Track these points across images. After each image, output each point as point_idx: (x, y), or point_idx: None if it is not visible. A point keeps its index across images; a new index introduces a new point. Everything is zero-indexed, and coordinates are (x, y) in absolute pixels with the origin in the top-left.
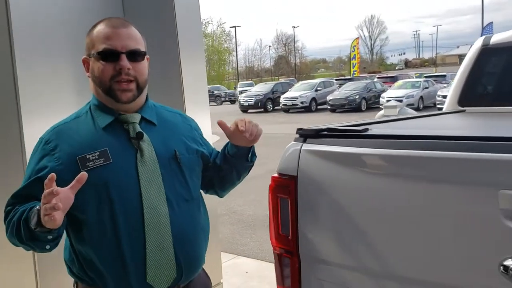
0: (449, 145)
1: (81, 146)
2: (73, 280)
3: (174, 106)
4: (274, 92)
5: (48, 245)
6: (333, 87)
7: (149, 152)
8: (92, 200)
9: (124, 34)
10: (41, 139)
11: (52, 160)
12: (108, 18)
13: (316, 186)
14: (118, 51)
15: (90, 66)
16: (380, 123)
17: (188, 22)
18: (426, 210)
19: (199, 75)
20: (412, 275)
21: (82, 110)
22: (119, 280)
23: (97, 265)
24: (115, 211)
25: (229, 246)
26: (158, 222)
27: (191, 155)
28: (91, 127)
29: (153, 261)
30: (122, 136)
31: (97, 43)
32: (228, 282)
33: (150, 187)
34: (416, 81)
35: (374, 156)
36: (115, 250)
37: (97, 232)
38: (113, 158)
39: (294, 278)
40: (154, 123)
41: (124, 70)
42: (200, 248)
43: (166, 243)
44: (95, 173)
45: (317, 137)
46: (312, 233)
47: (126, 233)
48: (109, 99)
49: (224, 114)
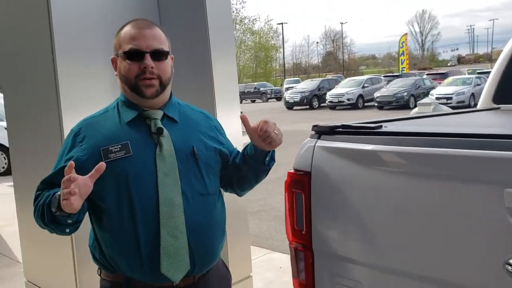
0: (456, 143)
1: (105, 138)
2: (97, 267)
3: (205, 105)
4: (320, 89)
5: (68, 229)
6: (380, 84)
7: (168, 147)
8: (112, 190)
9: (149, 35)
10: (72, 131)
11: (79, 151)
12: (134, 19)
13: (329, 182)
14: (142, 51)
15: (118, 65)
16: (406, 120)
17: (219, 22)
18: (434, 208)
19: (230, 75)
20: (419, 272)
21: (111, 105)
22: (135, 268)
23: (115, 252)
24: (133, 201)
25: (265, 242)
26: (172, 213)
27: (209, 152)
28: (117, 121)
29: (167, 252)
30: (144, 131)
31: (123, 43)
32: (261, 276)
33: (166, 179)
34: (467, 78)
35: (386, 153)
36: (132, 239)
37: (116, 220)
38: (133, 151)
39: (308, 271)
40: (175, 120)
41: (148, 68)
42: (214, 241)
43: (180, 234)
44: (116, 164)
45: (331, 133)
46: (325, 228)
47: (142, 223)
48: (134, 95)
49: (267, 112)
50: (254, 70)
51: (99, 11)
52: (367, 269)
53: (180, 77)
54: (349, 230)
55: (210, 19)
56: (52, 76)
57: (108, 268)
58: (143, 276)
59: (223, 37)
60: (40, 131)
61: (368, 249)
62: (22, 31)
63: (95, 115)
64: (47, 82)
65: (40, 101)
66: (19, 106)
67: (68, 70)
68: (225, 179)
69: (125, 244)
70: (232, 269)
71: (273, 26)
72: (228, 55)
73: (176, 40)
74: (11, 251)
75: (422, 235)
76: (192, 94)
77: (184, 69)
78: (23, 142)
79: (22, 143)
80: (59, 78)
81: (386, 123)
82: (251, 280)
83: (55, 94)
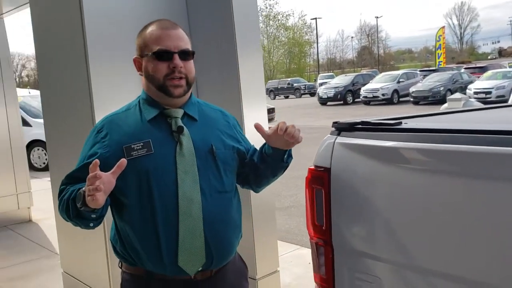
0: (474, 139)
1: (127, 136)
2: (118, 260)
3: (231, 102)
4: (354, 84)
5: (92, 223)
6: (416, 79)
7: (187, 145)
8: (133, 186)
9: (175, 35)
10: (95, 128)
11: (101, 147)
12: (157, 20)
13: (349, 178)
14: (171, 51)
15: (143, 65)
16: (427, 116)
17: (246, 21)
18: (453, 205)
19: (256, 72)
20: (438, 268)
21: (133, 103)
22: (155, 261)
23: (136, 245)
24: (153, 197)
25: (294, 237)
26: (191, 209)
27: (227, 151)
28: (138, 119)
29: (185, 246)
30: (165, 129)
31: (150, 44)
32: (290, 271)
33: (186, 177)
34: (508, 71)
35: (405, 149)
36: (152, 234)
37: (137, 215)
38: (154, 149)
39: (328, 266)
40: (195, 118)
41: (178, 68)
42: (230, 237)
43: (197, 229)
44: (138, 162)
45: (351, 130)
46: (345, 223)
47: (162, 218)
48: (161, 94)
49: (300, 107)
50: (287, 66)
51: (129, 12)
52: (386, 265)
53: (207, 75)
54: (368, 226)
55: (236, 18)
56: (85, 75)
57: (129, 261)
58: (163, 269)
59: (249, 35)
60: (74, 128)
61: (387, 245)
62: (57, 32)
63: (118, 112)
64: (80, 81)
65: (73, 99)
66: (54, 104)
67: (100, 69)
68: (242, 176)
69: (145, 238)
70: (259, 264)
71: (307, 21)
72: (254, 52)
73: (203, 38)
74: (50, 243)
75: (442, 231)
76: (219, 91)
77: (211, 67)
78: (58, 139)
79: (57, 140)
80: (91, 78)
81: (406, 119)
82: (278, 274)
83: (88, 93)
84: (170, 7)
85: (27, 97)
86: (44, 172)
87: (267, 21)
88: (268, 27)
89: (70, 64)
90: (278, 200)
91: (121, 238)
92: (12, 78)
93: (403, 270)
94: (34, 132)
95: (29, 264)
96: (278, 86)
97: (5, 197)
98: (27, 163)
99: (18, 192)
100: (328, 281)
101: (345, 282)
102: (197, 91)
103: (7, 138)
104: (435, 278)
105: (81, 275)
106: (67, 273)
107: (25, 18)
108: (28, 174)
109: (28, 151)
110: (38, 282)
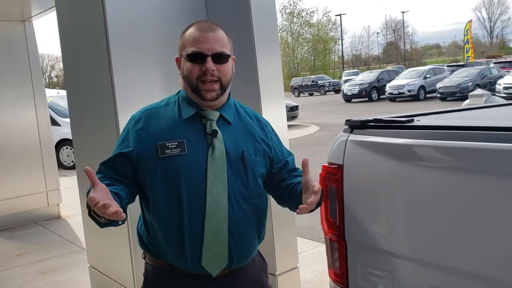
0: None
1: (164, 132)
2: (142, 252)
3: (250, 100)
4: (379, 80)
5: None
6: (443, 74)
7: (220, 149)
8: (163, 184)
9: (211, 38)
10: (133, 118)
11: (136, 139)
12: (198, 21)
13: (361, 175)
14: (204, 54)
15: (181, 65)
16: (441, 113)
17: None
18: (465, 201)
19: (275, 72)
20: (449, 264)
21: (172, 98)
22: (178, 258)
23: (161, 241)
24: (182, 197)
25: (317, 234)
26: (217, 213)
27: (257, 157)
28: (176, 116)
29: (209, 247)
30: (200, 130)
31: (187, 45)
32: (311, 268)
33: (215, 180)
34: None
35: (416, 147)
36: (178, 231)
37: (164, 212)
38: (188, 150)
39: (342, 262)
40: (230, 122)
41: (209, 71)
42: (253, 242)
43: (222, 233)
44: (171, 160)
45: (363, 128)
46: (357, 219)
47: (188, 218)
48: (195, 96)
49: (325, 105)
50: (312, 63)
51: (149, 10)
52: (398, 261)
53: None
54: (380, 221)
55: (254, 17)
56: (108, 75)
57: (153, 253)
58: (185, 265)
59: (267, 32)
60: (99, 126)
61: (399, 241)
62: (81, 33)
63: (157, 106)
64: (103, 80)
65: (97, 98)
66: (79, 104)
67: (122, 68)
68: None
69: (171, 235)
70: (278, 261)
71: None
72: (273, 52)
73: None
74: (78, 239)
75: (452, 228)
76: (238, 90)
77: None
78: (84, 138)
79: (83, 139)
80: (114, 77)
81: (419, 116)
82: (298, 271)
83: (111, 92)
84: (189, 5)
85: (56, 97)
86: (72, 170)
87: (291, 18)
88: (292, 24)
89: (94, 63)
90: None
91: (148, 230)
92: (41, 79)
93: (414, 265)
94: (63, 131)
95: (59, 259)
96: (302, 84)
97: (35, 195)
98: (56, 162)
99: (47, 190)
100: (342, 276)
101: (358, 277)
102: None
103: (37, 137)
104: (447, 274)
105: (107, 269)
106: (93, 267)
107: (54, 21)
108: (57, 172)
109: (57, 150)
110: (68, 276)
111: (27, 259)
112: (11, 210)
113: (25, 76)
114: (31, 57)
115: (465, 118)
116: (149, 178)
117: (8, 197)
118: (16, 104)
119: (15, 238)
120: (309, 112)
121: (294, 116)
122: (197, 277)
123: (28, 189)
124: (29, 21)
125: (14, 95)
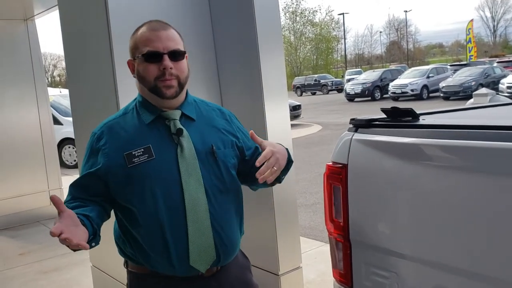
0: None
1: (127, 142)
2: (123, 259)
3: (253, 100)
4: (382, 79)
5: (93, 243)
6: (446, 74)
7: (188, 147)
8: (137, 193)
9: (164, 36)
10: (94, 134)
11: (102, 155)
12: (148, 21)
13: (366, 174)
14: (160, 52)
15: (135, 67)
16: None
17: (267, 15)
18: (469, 201)
19: (278, 70)
20: (453, 264)
21: (129, 106)
22: (163, 265)
23: (143, 250)
24: (158, 203)
25: (320, 234)
26: (198, 212)
27: (227, 149)
28: (136, 123)
29: (195, 246)
30: (164, 132)
31: (140, 45)
32: (315, 267)
33: (190, 179)
34: None
35: (421, 145)
36: (159, 238)
37: (143, 220)
38: (155, 154)
39: (346, 261)
40: (193, 118)
41: (167, 69)
42: (235, 234)
43: (205, 229)
44: (140, 168)
45: (368, 127)
46: (362, 219)
47: (169, 222)
48: (154, 96)
49: (327, 104)
50: (314, 62)
51: (153, 10)
52: (403, 261)
53: (229, 72)
54: (385, 221)
55: (258, 17)
56: (111, 74)
57: (135, 261)
58: (171, 271)
59: (271, 32)
60: None
61: (404, 241)
62: (83, 32)
63: (116, 117)
64: (106, 79)
65: (100, 98)
66: (82, 103)
67: (125, 67)
68: (240, 174)
69: (153, 243)
70: (281, 260)
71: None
72: (276, 49)
73: (225, 35)
74: None
75: (460, 228)
76: (241, 88)
77: (233, 63)
78: (86, 137)
79: (85, 138)
80: (117, 76)
81: (424, 115)
82: (301, 271)
83: (114, 91)
84: (192, 7)
85: (58, 96)
86: (75, 169)
87: (294, 17)
88: (295, 23)
89: (97, 62)
90: (303, 197)
91: (128, 241)
92: (44, 78)
93: (420, 265)
94: (65, 130)
95: (61, 258)
96: (305, 83)
97: (37, 194)
98: (59, 161)
99: (50, 189)
100: (346, 276)
101: (362, 277)
102: (220, 89)
103: (39, 136)
104: (451, 275)
105: (108, 268)
106: (96, 266)
107: (57, 19)
108: (59, 171)
109: (60, 149)
110: (71, 275)
111: (29, 258)
112: (13, 209)
113: (27, 75)
114: (34, 56)
115: (470, 117)
116: (122, 190)
117: (10, 196)
118: (18, 103)
119: (17, 237)
120: (311, 111)
121: (296, 115)
122: (184, 280)
123: (31, 188)
124: (32, 20)
125: (17, 94)
